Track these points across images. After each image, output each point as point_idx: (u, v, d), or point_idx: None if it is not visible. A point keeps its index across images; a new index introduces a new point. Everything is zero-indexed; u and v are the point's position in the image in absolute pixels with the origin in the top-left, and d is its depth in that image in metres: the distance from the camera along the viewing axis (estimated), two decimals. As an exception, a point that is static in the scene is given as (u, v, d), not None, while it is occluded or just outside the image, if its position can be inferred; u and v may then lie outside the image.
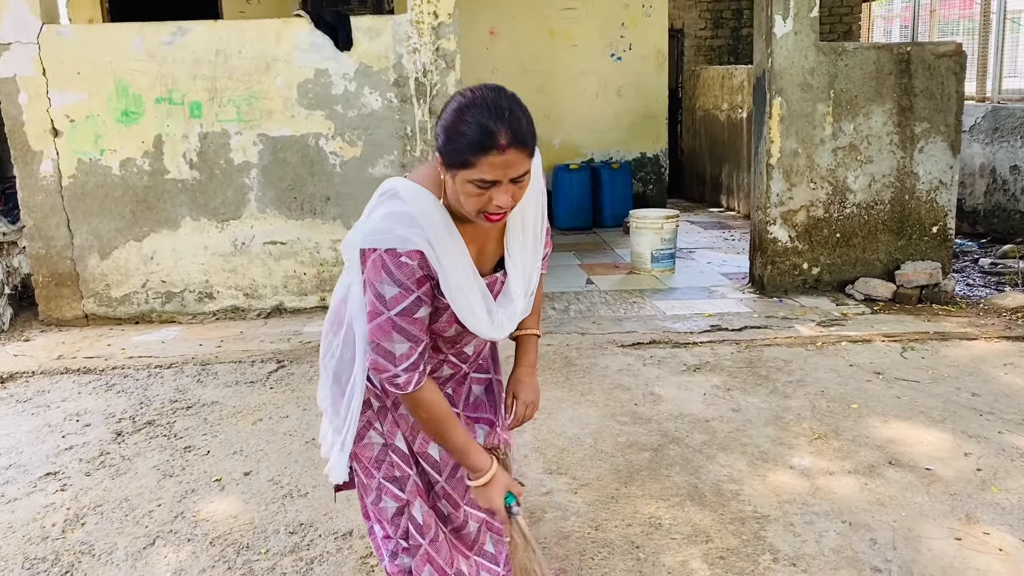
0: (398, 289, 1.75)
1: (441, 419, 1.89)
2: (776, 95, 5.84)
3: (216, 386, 4.65)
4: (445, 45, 5.62)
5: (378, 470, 2.03)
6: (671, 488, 3.46)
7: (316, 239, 5.79)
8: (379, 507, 2.06)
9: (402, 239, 1.73)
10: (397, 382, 1.82)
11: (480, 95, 1.69)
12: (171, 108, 5.55)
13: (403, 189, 1.80)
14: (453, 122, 1.67)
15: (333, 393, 2.04)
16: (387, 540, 2.09)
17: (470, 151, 1.65)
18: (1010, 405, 4.20)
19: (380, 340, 1.79)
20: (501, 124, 1.65)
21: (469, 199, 1.71)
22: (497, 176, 1.67)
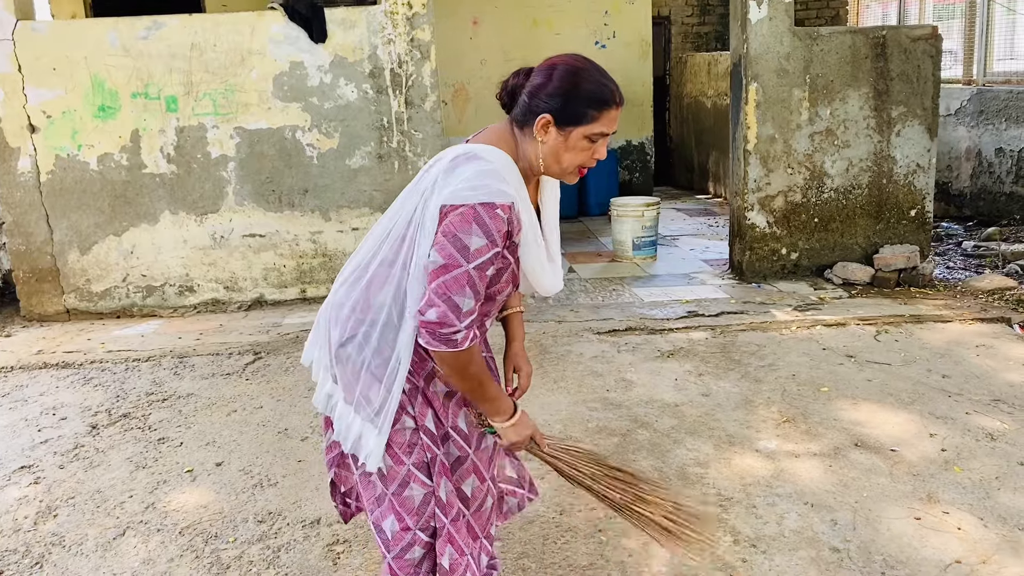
0: (485, 241, 1.81)
1: (484, 372, 1.95)
2: (752, 81, 5.85)
3: (192, 378, 4.68)
4: (420, 35, 5.63)
5: (409, 456, 2.01)
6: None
7: (295, 231, 5.81)
8: (402, 496, 2.01)
9: (498, 192, 1.83)
10: (456, 338, 1.83)
11: (582, 61, 1.92)
12: (147, 103, 5.57)
13: (482, 150, 1.90)
14: (573, 84, 1.87)
15: (364, 380, 1.99)
16: (404, 532, 2.02)
17: (594, 107, 1.86)
18: (979, 386, 4.22)
19: (452, 293, 1.82)
20: (613, 83, 1.91)
21: (578, 154, 1.91)
22: (610, 128, 1.91)
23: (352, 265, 2.07)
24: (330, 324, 2.05)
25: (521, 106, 1.93)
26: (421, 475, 2.01)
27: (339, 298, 2.05)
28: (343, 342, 2.00)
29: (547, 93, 1.88)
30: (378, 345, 1.97)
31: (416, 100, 5.70)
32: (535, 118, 1.89)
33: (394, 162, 5.77)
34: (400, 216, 1.96)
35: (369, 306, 1.98)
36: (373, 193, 5.81)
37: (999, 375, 4.35)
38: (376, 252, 2.01)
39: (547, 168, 1.94)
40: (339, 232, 5.83)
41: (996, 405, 4.02)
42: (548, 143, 1.91)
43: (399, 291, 1.94)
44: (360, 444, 2.00)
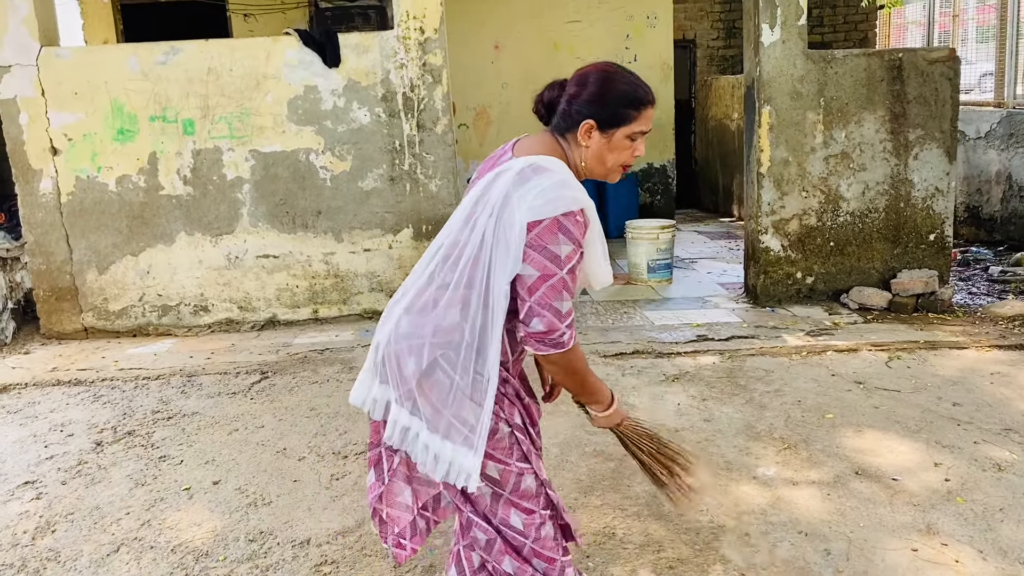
0: (572, 246, 1.93)
1: (586, 365, 2.09)
2: (765, 104, 5.81)
3: (199, 397, 4.74)
4: (432, 60, 5.69)
5: (511, 456, 2.08)
6: (631, 498, 3.45)
7: (308, 252, 5.88)
8: (521, 491, 2.10)
9: (573, 199, 1.93)
10: (562, 340, 1.96)
11: (612, 67, 2.06)
12: (165, 126, 5.69)
13: (546, 161, 1.99)
14: (609, 88, 2.01)
15: (455, 403, 2.00)
16: (531, 517, 2.11)
17: (632, 107, 2.00)
18: (991, 415, 4.12)
19: (552, 300, 1.93)
20: (645, 84, 2.05)
21: (620, 153, 2.04)
22: (647, 127, 2.04)
23: (412, 293, 2.08)
24: (400, 356, 2.03)
25: (562, 115, 2.06)
26: (525, 465, 2.11)
27: (405, 328, 2.05)
28: (426, 370, 2.00)
29: (586, 100, 2.01)
30: (458, 363, 1.99)
31: (428, 123, 5.75)
32: (577, 125, 2.02)
33: (406, 184, 5.82)
34: (469, 238, 1.98)
35: (441, 329, 2.00)
36: (385, 215, 5.86)
37: (1012, 404, 4.24)
38: (436, 276, 2.04)
39: (591, 171, 2.08)
40: (351, 253, 5.89)
41: (1007, 435, 3.91)
42: (592, 147, 2.03)
43: (467, 309, 1.98)
44: (453, 470, 2.01)
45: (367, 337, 5.63)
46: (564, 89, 2.07)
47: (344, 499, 3.56)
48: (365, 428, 4.21)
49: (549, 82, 2.13)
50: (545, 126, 2.12)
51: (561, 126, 2.06)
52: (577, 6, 9.19)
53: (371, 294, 5.96)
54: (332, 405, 4.51)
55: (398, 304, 2.11)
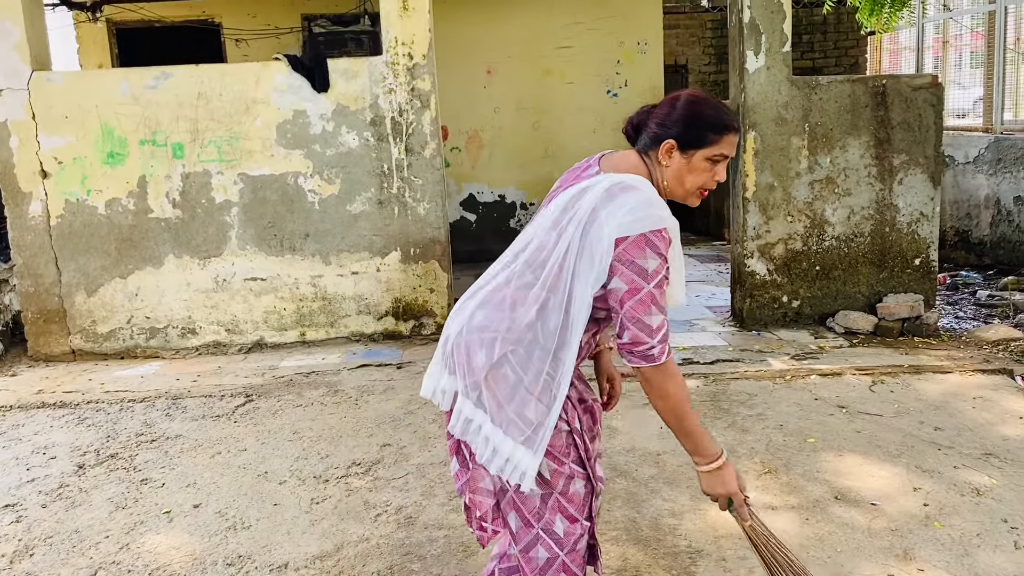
0: (659, 261, 1.99)
1: (686, 395, 2.06)
2: (750, 129, 5.86)
3: (183, 420, 4.74)
4: (420, 85, 5.75)
5: (567, 456, 2.11)
6: (610, 522, 3.45)
7: (295, 275, 5.90)
8: (569, 492, 2.11)
9: (659, 218, 2.00)
10: (652, 353, 1.99)
11: (701, 94, 2.16)
12: (155, 149, 5.73)
13: (635, 181, 2.07)
14: (693, 111, 2.09)
15: (518, 399, 2.05)
16: (573, 526, 2.12)
17: (713, 130, 2.07)
18: (971, 440, 4.13)
19: (640, 315, 1.98)
20: (731, 112, 2.14)
21: (699, 175, 2.11)
22: (729, 151, 2.10)
23: (487, 289, 2.15)
24: (470, 347, 2.10)
25: (648, 135, 2.14)
26: (579, 468, 2.12)
27: (479, 321, 2.11)
28: (495, 363, 2.06)
29: (671, 120, 2.10)
30: (531, 363, 2.05)
31: (416, 147, 5.80)
32: (660, 143, 2.10)
33: (394, 207, 5.86)
34: (556, 244, 2.05)
35: (516, 326, 2.06)
36: (373, 238, 5.89)
37: (993, 428, 4.25)
38: (515, 276, 2.10)
39: (671, 191, 2.15)
40: (339, 276, 5.91)
41: (987, 459, 3.92)
42: (672, 167, 2.11)
43: (545, 311, 2.04)
44: (509, 466, 2.05)
45: (353, 360, 5.65)
46: (652, 111, 2.16)
47: (323, 523, 3.56)
48: (348, 452, 4.22)
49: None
50: (632, 146, 2.21)
51: (646, 144, 2.14)
52: (568, 32, 9.28)
53: (359, 317, 5.97)
54: (315, 429, 4.51)
55: (471, 299, 2.17)
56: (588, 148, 9.46)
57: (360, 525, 3.53)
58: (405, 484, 3.86)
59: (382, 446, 4.27)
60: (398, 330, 5.99)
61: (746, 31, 5.76)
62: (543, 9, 9.23)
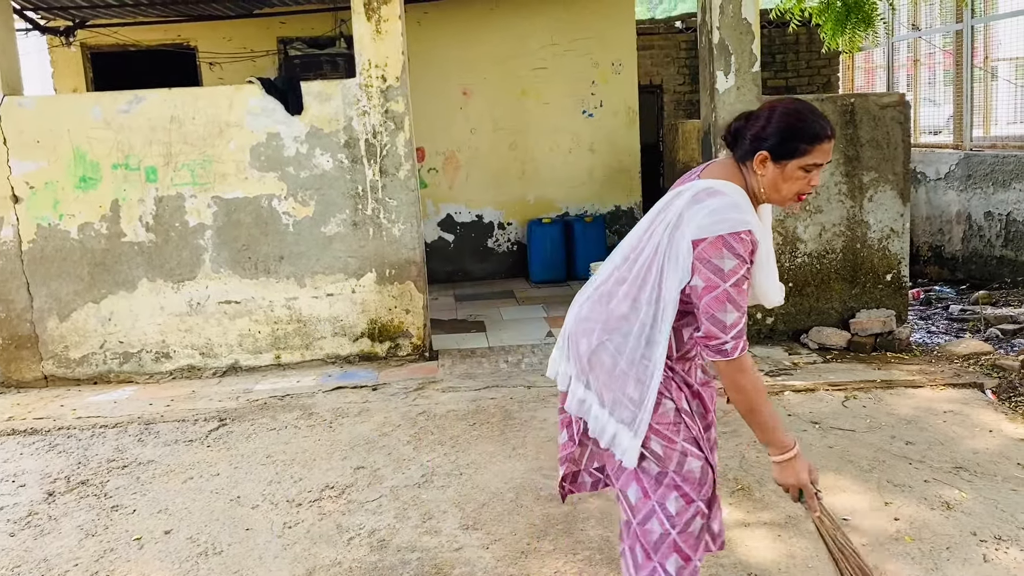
0: (736, 261, 2.10)
1: (759, 389, 2.17)
2: (721, 150, 5.92)
3: (155, 445, 4.70)
4: (394, 107, 5.77)
5: (678, 435, 2.23)
6: (583, 542, 3.45)
7: (270, 297, 5.88)
8: (683, 472, 2.23)
9: (740, 222, 2.12)
10: (725, 348, 2.11)
11: (796, 103, 2.23)
12: (127, 173, 5.71)
13: (720, 185, 2.21)
14: (785, 123, 2.18)
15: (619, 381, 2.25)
16: (688, 505, 2.22)
17: (805, 141, 2.16)
18: (942, 454, 4.16)
19: (714, 311, 2.11)
20: (826, 119, 2.21)
21: (794, 183, 2.20)
22: (823, 159, 2.19)
23: (593, 286, 2.40)
24: (577, 336, 2.36)
25: (743, 145, 2.25)
26: (693, 448, 2.24)
27: (585, 313, 2.37)
28: (594, 350, 2.30)
29: (763, 132, 2.20)
30: (625, 350, 2.25)
31: (390, 169, 5.82)
32: (753, 154, 2.21)
33: (369, 229, 5.86)
34: (646, 245, 2.25)
35: (611, 318, 2.29)
36: (348, 259, 5.89)
37: (964, 442, 4.29)
38: (615, 274, 2.33)
39: (768, 197, 2.25)
40: (314, 298, 5.90)
41: (957, 473, 3.95)
42: (767, 175, 2.21)
43: (637, 303, 2.24)
44: (615, 442, 2.26)
45: (328, 382, 5.63)
46: (749, 121, 2.26)
47: (296, 547, 3.53)
48: (321, 475, 4.19)
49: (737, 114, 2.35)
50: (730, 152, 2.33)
51: (742, 154, 2.26)
52: (544, 53, 9.35)
53: (334, 339, 5.96)
54: (289, 452, 4.49)
55: (583, 294, 2.43)
56: (562, 169, 9.55)
57: (332, 549, 3.51)
58: (378, 507, 3.84)
59: (356, 469, 4.25)
60: (374, 351, 5.98)
61: (716, 52, 5.84)
62: (518, 31, 9.31)
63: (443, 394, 5.25)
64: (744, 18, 5.79)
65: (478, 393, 5.25)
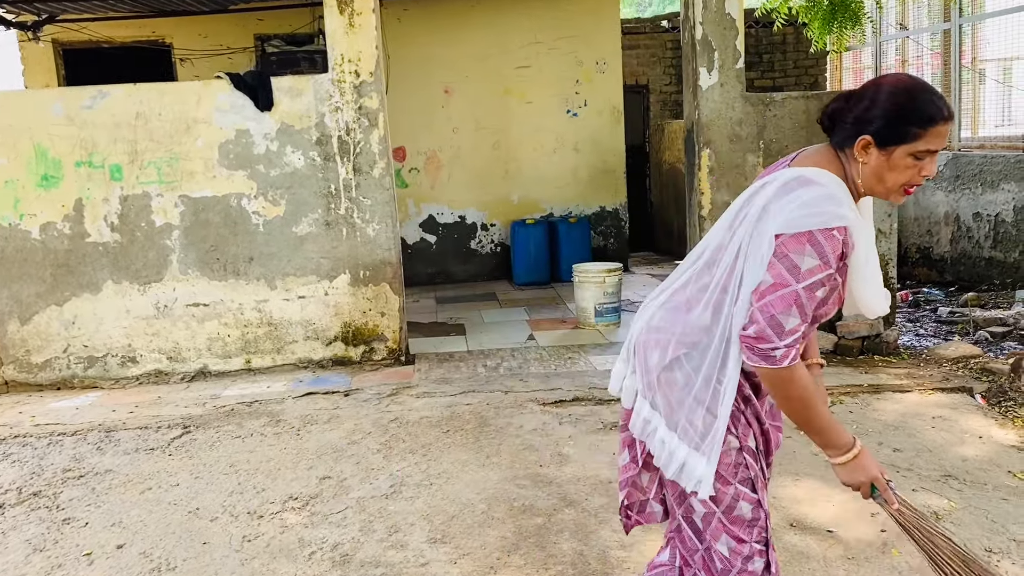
0: (818, 261, 1.84)
1: (810, 397, 1.92)
2: (704, 147, 5.78)
3: (115, 453, 4.51)
4: (368, 103, 5.60)
5: (735, 477, 2.03)
6: (556, 556, 3.28)
7: (240, 300, 5.69)
8: (733, 515, 2.04)
9: (836, 215, 1.85)
10: (774, 355, 1.87)
11: (906, 80, 1.93)
12: (91, 171, 5.52)
13: (815, 175, 1.92)
14: (893, 103, 1.88)
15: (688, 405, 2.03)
16: (740, 545, 2.04)
17: (917, 124, 1.86)
18: (930, 461, 4.02)
19: (775, 311, 1.86)
20: (942, 99, 1.89)
21: (902, 173, 1.90)
22: (938, 145, 1.88)
23: (669, 291, 2.13)
24: (647, 347, 2.10)
25: (842, 129, 1.97)
26: (747, 490, 2.04)
27: (657, 322, 2.11)
28: (667, 365, 2.05)
29: (867, 114, 1.91)
30: (702, 368, 2.01)
31: (364, 167, 5.64)
32: (855, 139, 1.92)
33: (342, 229, 5.69)
34: (730, 244, 1.99)
35: (690, 329, 2.03)
36: (320, 260, 5.71)
37: (953, 449, 4.15)
38: (694, 277, 2.07)
39: (869, 188, 1.97)
40: (285, 300, 5.71)
41: (946, 481, 3.81)
42: (869, 164, 1.93)
43: (719, 314, 1.98)
44: (684, 472, 2.03)
45: (300, 388, 5.44)
46: (849, 101, 1.97)
47: (254, 563, 3.35)
48: (285, 485, 4.01)
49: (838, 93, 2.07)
50: (828, 137, 2.05)
51: (840, 140, 1.97)
52: (527, 52, 9.20)
53: (306, 343, 5.77)
54: (253, 461, 4.31)
55: (655, 300, 2.16)
56: (546, 169, 9.39)
57: (293, 564, 3.33)
58: (343, 519, 3.67)
59: (321, 479, 4.07)
60: (348, 356, 5.80)
61: (699, 48, 5.69)
62: (501, 29, 9.15)
63: (417, 400, 5.08)
64: (728, 13, 5.64)
65: (454, 399, 5.08)
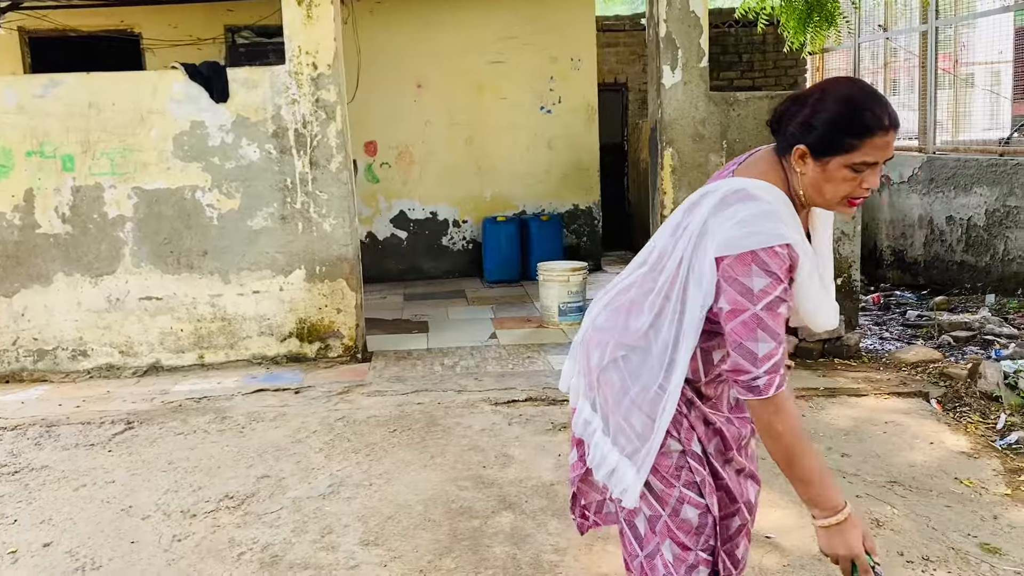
0: (768, 280, 1.75)
1: (797, 433, 1.78)
2: (667, 146, 5.72)
3: (54, 449, 4.42)
4: (325, 96, 5.52)
5: (678, 479, 1.96)
6: (488, 560, 3.22)
7: (193, 294, 5.61)
8: (679, 519, 1.96)
9: (775, 235, 1.76)
10: (756, 385, 1.76)
11: (848, 85, 1.82)
12: (43, 161, 5.42)
13: (756, 188, 1.84)
14: (831, 111, 1.77)
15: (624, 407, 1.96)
16: (685, 553, 1.96)
17: (851, 134, 1.75)
18: (878, 466, 3.98)
19: (743, 338, 1.76)
20: (884, 107, 1.76)
21: (840, 185, 1.80)
22: (877, 157, 1.77)
23: (614, 291, 2.08)
24: (590, 346, 2.06)
25: (783, 136, 1.87)
26: (693, 495, 1.96)
27: (601, 322, 2.07)
28: (604, 366, 2.00)
29: (802, 122, 1.82)
30: (640, 373, 1.95)
31: (321, 161, 5.56)
32: (791, 148, 1.83)
33: (298, 223, 5.61)
34: (672, 253, 1.91)
35: (630, 332, 1.98)
36: (276, 255, 5.63)
37: (901, 455, 4.11)
38: (639, 280, 2.01)
39: (810, 200, 1.87)
40: (239, 295, 5.63)
41: (891, 488, 3.77)
42: (807, 174, 1.83)
43: (660, 320, 1.92)
44: (615, 478, 1.98)
45: (253, 383, 5.36)
46: (795, 104, 1.87)
47: (181, 563, 3.28)
48: (223, 484, 3.94)
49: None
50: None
51: (781, 148, 1.88)
52: (500, 47, 9.12)
53: (260, 338, 5.69)
54: (192, 459, 4.23)
55: (600, 301, 2.11)
56: (519, 166, 9.32)
57: (220, 565, 3.26)
58: (277, 519, 3.60)
59: (260, 478, 3.99)
60: (303, 352, 5.72)
61: (662, 45, 5.63)
62: (475, 23, 9.07)
63: (368, 398, 5.01)
64: (692, 11, 5.58)
65: (405, 397, 5.01)
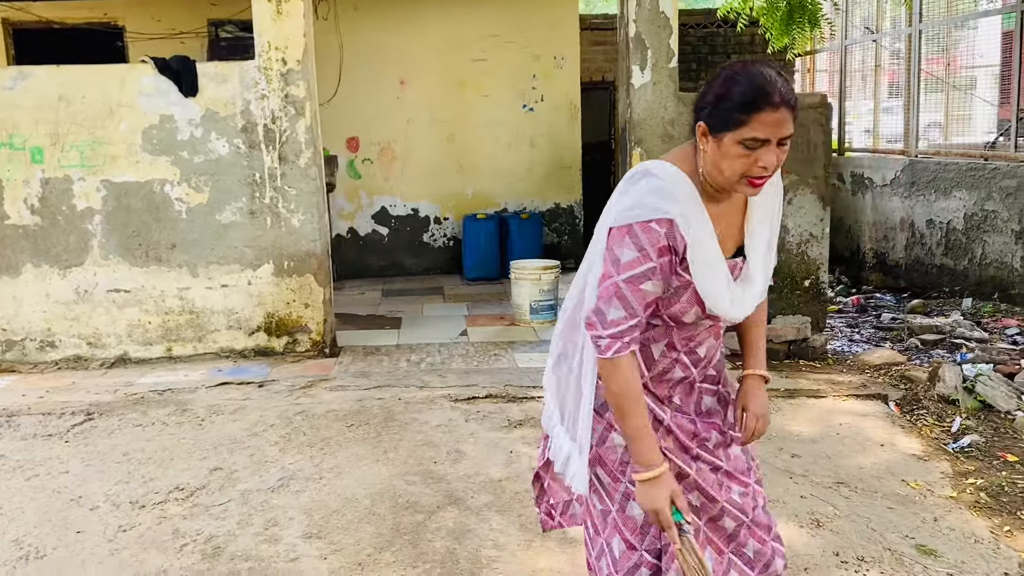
0: (636, 254, 1.83)
1: (628, 395, 1.90)
2: (636, 145, 5.74)
3: (11, 439, 4.45)
4: (295, 92, 5.54)
5: (623, 475, 2.01)
6: (427, 554, 3.25)
7: (161, 287, 5.63)
8: (626, 514, 2.01)
9: (653, 208, 1.83)
10: (600, 343, 1.89)
11: (747, 65, 1.85)
12: (12, 153, 5.45)
13: (654, 167, 1.91)
14: (726, 86, 1.81)
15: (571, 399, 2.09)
16: (630, 552, 2.00)
17: (744, 110, 1.77)
18: (827, 467, 4.00)
19: (600, 301, 1.88)
20: (773, 84, 1.78)
21: (735, 161, 1.81)
22: (768, 134, 1.77)
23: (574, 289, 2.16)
24: (553, 342, 2.21)
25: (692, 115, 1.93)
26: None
27: (559, 320, 2.21)
28: (557, 360, 2.17)
29: (703, 100, 1.88)
30: (578, 362, 2.06)
31: (290, 156, 5.59)
32: (695, 127, 1.90)
33: (266, 218, 5.63)
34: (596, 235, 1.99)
35: (571, 326, 2.12)
36: (244, 249, 5.65)
37: (852, 457, 4.13)
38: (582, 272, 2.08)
39: (712, 179, 1.90)
40: (208, 289, 5.65)
41: (837, 488, 3.79)
42: (708, 152, 1.87)
43: (582, 296, 2.03)
44: (568, 466, 2.07)
45: (218, 376, 5.39)
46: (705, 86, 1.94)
47: (124, 553, 3.31)
48: (175, 476, 3.96)
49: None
50: None
51: (691, 127, 1.94)
52: (483, 45, 9.13)
53: (228, 332, 5.72)
54: (147, 450, 4.25)
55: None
56: (501, 164, 9.33)
57: (162, 556, 3.29)
58: (224, 511, 3.63)
59: (212, 470, 4.02)
60: (271, 346, 5.75)
61: (632, 46, 5.64)
62: (458, 20, 9.08)
63: (329, 393, 5.04)
64: (662, 12, 5.60)
65: (367, 392, 5.03)
